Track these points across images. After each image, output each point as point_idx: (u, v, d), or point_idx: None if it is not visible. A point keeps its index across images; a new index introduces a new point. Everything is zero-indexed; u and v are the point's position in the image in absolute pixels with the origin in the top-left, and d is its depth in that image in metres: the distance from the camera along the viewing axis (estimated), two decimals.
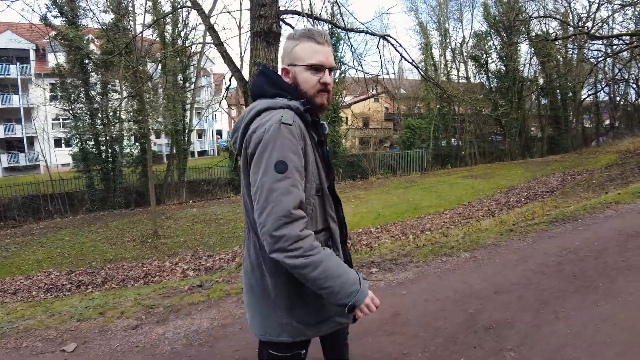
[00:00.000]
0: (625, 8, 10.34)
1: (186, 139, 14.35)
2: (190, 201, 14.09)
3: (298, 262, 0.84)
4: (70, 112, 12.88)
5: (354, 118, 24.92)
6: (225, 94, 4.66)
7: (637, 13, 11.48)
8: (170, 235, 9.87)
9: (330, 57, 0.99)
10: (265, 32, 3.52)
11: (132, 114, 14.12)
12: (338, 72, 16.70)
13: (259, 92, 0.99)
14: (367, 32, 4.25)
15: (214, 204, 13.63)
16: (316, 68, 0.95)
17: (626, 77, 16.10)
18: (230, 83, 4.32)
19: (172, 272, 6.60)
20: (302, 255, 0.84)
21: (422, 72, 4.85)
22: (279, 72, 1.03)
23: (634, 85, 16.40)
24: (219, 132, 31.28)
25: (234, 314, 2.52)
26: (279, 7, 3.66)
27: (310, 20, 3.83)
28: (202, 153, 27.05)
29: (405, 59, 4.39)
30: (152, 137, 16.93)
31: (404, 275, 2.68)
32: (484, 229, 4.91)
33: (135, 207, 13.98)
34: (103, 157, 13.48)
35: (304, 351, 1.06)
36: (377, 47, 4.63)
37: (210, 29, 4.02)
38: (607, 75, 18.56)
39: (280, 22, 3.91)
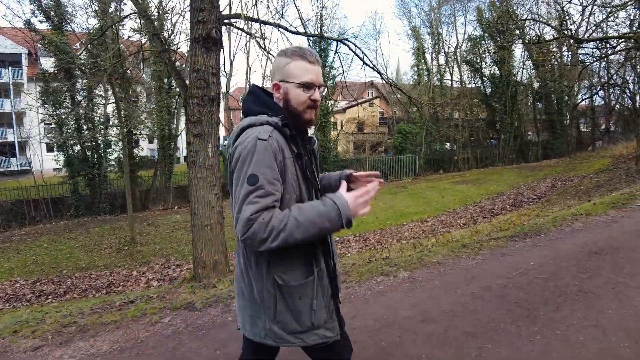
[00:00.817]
0: (617, 12, 10.13)
1: (172, 144, 14.18)
2: (176, 207, 13.89)
3: (281, 239, 0.89)
4: (55, 117, 12.79)
5: (347, 123, 24.73)
6: (178, 101, 4.46)
7: (630, 16, 11.24)
8: (148, 243, 9.65)
9: (320, 75, 1.05)
10: (203, 38, 3.36)
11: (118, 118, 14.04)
12: (329, 77, 16.56)
13: (246, 111, 1.06)
14: (322, 37, 4.06)
15: None
16: (307, 86, 1.02)
17: (619, 82, 15.82)
18: (181, 91, 4.11)
19: (136, 282, 6.37)
20: (279, 232, 0.89)
21: (385, 78, 4.59)
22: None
23: (627, 90, 16.07)
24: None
25: (137, 337, 2.30)
26: (220, 12, 3.48)
27: (255, 24, 3.63)
28: None
29: (366, 63, 4.18)
30: (145, 142, 16.81)
31: None
32: (454, 240, 4.66)
33: (120, 213, 13.79)
34: (89, 162, 13.34)
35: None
36: (336, 51, 4.42)
37: (154, 35, 3.86)
38: (602, 79, 18.29)
39: (229, 27, 3.73)
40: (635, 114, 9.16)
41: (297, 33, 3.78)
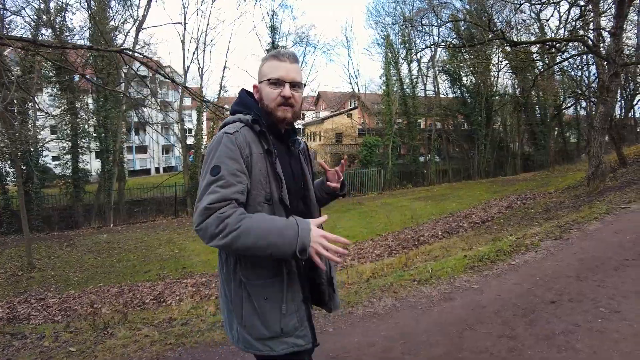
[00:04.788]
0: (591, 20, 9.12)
1: (111, 158, 13.40)
2: (112, 225, 13.02)
3: (230, 238, 0.87)
4: None
5: (325, 134, 23.90)
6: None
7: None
8: (47, 268, 8.71)
9: (292, 72, 1.05)
10: None
11: (65, 131, 13.44)
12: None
13: (230, 112, 1.13)
14: (100, 49, 3.20)
15: (135, 228, 12.49)
16: (276, 82, 1.04)
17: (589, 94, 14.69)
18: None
19: None
20: (231, 231, 0.87)
21: (191, 91, 3.67)
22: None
23: (594, 99, 14.84)
24: (192, 147, 30.49)
25: None
26: None
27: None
28: (169, 169, 26.28)
29: (159, 72, 3.28)
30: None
31: None
32: None
33: (57, 230, 13.02)
34: (23, 176, 12.63)
35: None
36: (125, 61, 3.58)
37: None
38: (586, 90, 17.10)
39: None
40: (591, 127, 8.08)
41: (64, 47, 2.93)
